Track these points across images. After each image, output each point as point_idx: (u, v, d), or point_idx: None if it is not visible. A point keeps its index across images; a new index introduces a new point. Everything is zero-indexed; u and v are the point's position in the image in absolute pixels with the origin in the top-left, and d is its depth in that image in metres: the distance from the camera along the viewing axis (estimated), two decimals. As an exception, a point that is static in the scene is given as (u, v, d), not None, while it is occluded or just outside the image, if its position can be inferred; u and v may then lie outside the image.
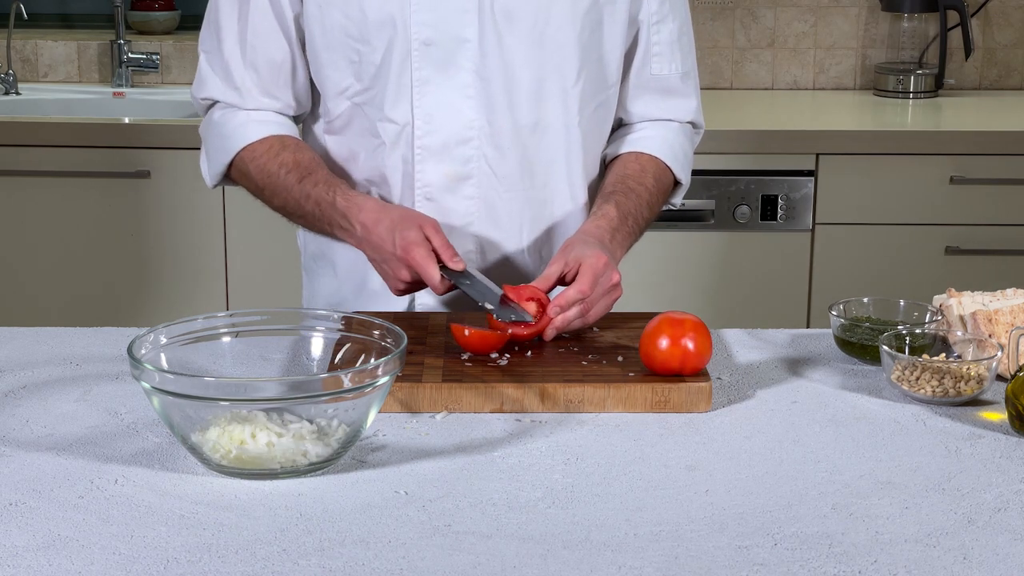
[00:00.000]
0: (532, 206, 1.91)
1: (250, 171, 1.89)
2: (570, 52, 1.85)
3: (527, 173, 1.89)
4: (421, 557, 1.25)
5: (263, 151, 1.89)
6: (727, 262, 3.24)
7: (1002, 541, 1.29)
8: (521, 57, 1.83)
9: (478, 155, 1.86)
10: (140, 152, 3.21)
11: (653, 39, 1.92)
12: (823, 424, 1.56)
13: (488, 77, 1.83)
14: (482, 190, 1.88)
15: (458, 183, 1.87)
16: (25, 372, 1.70)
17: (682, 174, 1.97)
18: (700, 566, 1.24)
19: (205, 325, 1.56)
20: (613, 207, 1.85)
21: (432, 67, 1.83)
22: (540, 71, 1.85)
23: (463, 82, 1.83)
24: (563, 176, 1.91)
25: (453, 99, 1.84)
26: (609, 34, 1.88)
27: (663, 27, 1.92)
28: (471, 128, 1.85)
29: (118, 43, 3.67)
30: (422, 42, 1.82)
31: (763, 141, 3.19)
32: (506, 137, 1.86)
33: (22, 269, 3.27)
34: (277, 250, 3.22)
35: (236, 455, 1.39)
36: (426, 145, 1.85)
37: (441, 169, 1.86)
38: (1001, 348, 1.64)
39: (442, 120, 1.85)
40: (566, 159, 1.90)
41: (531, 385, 1.58)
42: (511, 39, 1.82)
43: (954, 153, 3.20)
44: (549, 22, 1.83)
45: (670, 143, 1.96)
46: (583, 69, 1.86)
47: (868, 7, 3.72)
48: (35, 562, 1.23)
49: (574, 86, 1.87)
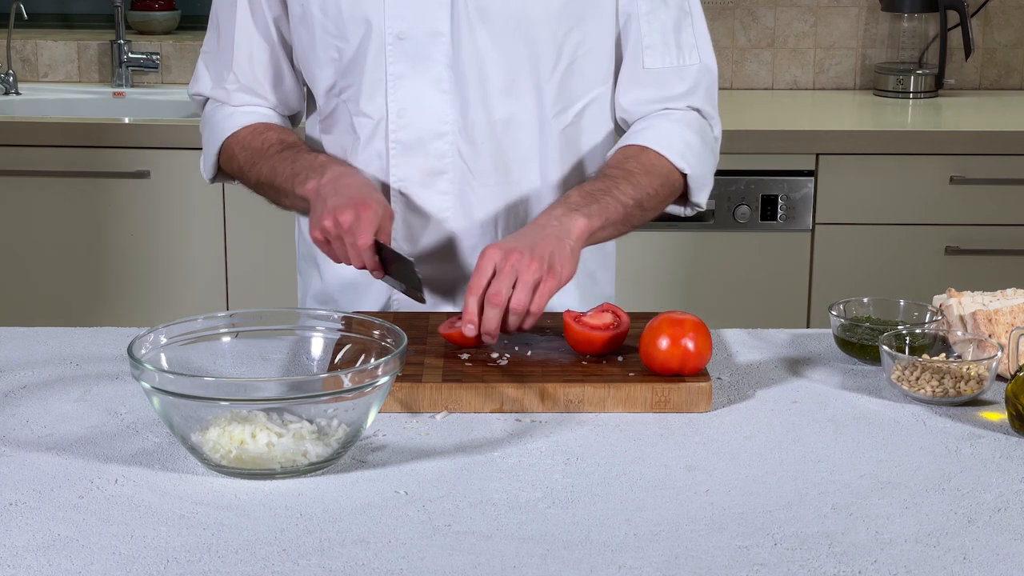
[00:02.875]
0: (506, 202, 1.89)
1: (235, 153, 1.90)
2: (545, 47, 1.82)
3: (501, 169, 1.87)
4: (421, 557, 1.25)
5: (247, 133, 1.91)
6: (727, 262, 3.24)
7: (1002, 541, 1.29)
8: (494, 51, 1.82)
9: (452, 150, 1.85)
10: (140, 152, 3.21)
11: (644, 32, 1.86)
12: (823, 424, 1.56)
13: (462, 72, 1.82)
14: (456, 185, 1.87)
15: (432, 178, 1.86)
16: (25, 372, 1.70)
17: (681, 162, 1.84)
18: (700, 566, 1.24)
19: (205, 325, 1.56)
20: (575, 190, 1.78)
21: (406, 61, 1.82)
22: (513, 66, 1.83)
23: (437, 76, 1.83)
24: (537, 172, 1.88)
25: (427, 93, 1.83)
26: (594, 29, 1.85)
27: (654, 19, 1.87)
28: (445, 123, 1.84)
29: (118, 43, 3.67)
30: (395, 36, 1.81)
31: (763, 141, 3.19)
32: (480, 132, 1.85)
33: (22, 269, 3.27)
34: (277, 250, 3.22)
35: (236, 455, 1.39)
36: (400, 139, 1.85)
37: (415, 164, 1.86)
38: (1001, 348, 1.64)
39: (416, 114, 1.84)
40: (540, 155, 1.88)
41: (531, 385, 1.58)
42: (484, 33, 1.81)
43: (954, 153, 3.20)
44: (523, 16, 1.81)
45: (663, 131, 1.86)
46: (559, 65, 1.84)
47: (868, 7, 3.72)
48: (35, 562, 1.23)
49: (548, 82, 1.84)
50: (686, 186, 1.88)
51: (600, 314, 1.68)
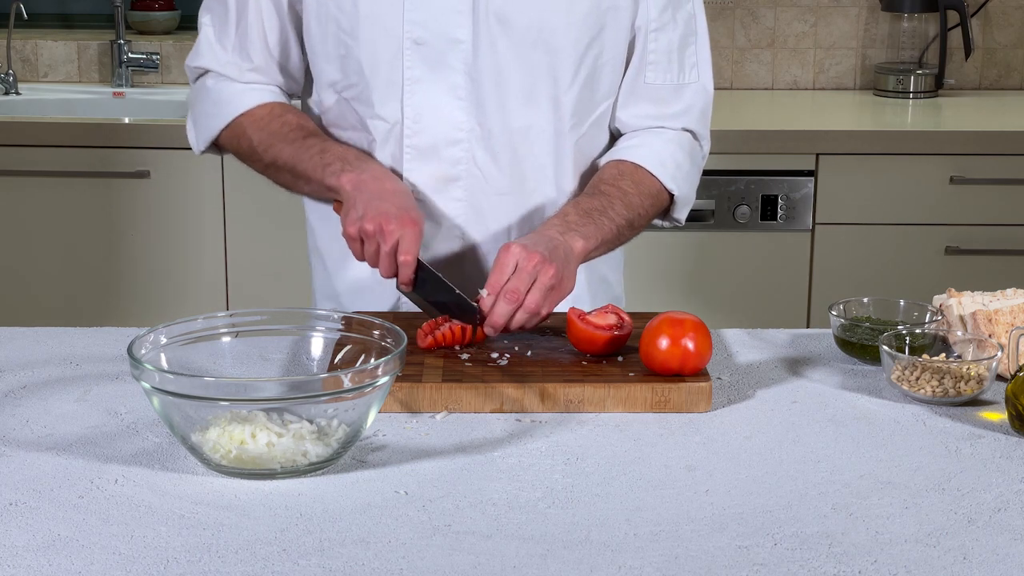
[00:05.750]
0: (520, 210, 1.89)
1: (246, 131, 1.88)
2: (565, 58, 1.83)
3: (516, 177, 1.87)
4: (421, 557, 1.25)
5: (263, 113, 1.89)
6: (727, 262, 3.24)
7: (1002, 541, 1.29)
8: (514, 60, 1.82)
9: (467, 157, 1.85)
10: (140, 152, 3.21)
11: (650, 47, 1.88)
12: (823, 424, 1.56)
13: (479, 79, 1.82)
14: (470, 193, 1.87)
15: (446, 184, 1.86)
16: (25, 372, 1.70)
17: (671, 183, 1.88)
18: (700, 566, 1.24)
19: (205, 325, 1.56)
20: (572, 206, 1.81)
21: (423, 66, 1.82)
22: (533, 75, 1.83)
23: (454, 83, 1.82)
24: (553, 181, 1.89)
25: (443, 100, 1.83)
26: (612, 42, 1.85)
27: (662, 35, 1.88)
28: (460, 130, 1.84)
29: (118, 43, 3.67)
30: (413, 40, 1.81)
31: (763, 141, 3.19)
32: (496, 140, 1.85)
33: (22, 269, 3.27)
34: (277, 250, 3.22)
35: (236, 455, 1.39)
36: (415, 145, 1.85)
37: (429, 170, 1.85)
38: (1001, 348, 1.64)
39: (431, 120, 1.84)
40: (556, 164, 1.88)
41: (531, 385, 1.58)
42: (505, 42, 1.81)
43: (954, 153, 3.20)
44: (544, 26, 1.81)
45: (656, 151, 1.89)
46: (578, 76, 1.84)
47: (868, 7, 3.72)
48: (35, 562, 1.23)
49: (567, 92, 1.85)
50: (670, 203, 1.93)
51: (604, 314, 1.68)
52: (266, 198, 3.21)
